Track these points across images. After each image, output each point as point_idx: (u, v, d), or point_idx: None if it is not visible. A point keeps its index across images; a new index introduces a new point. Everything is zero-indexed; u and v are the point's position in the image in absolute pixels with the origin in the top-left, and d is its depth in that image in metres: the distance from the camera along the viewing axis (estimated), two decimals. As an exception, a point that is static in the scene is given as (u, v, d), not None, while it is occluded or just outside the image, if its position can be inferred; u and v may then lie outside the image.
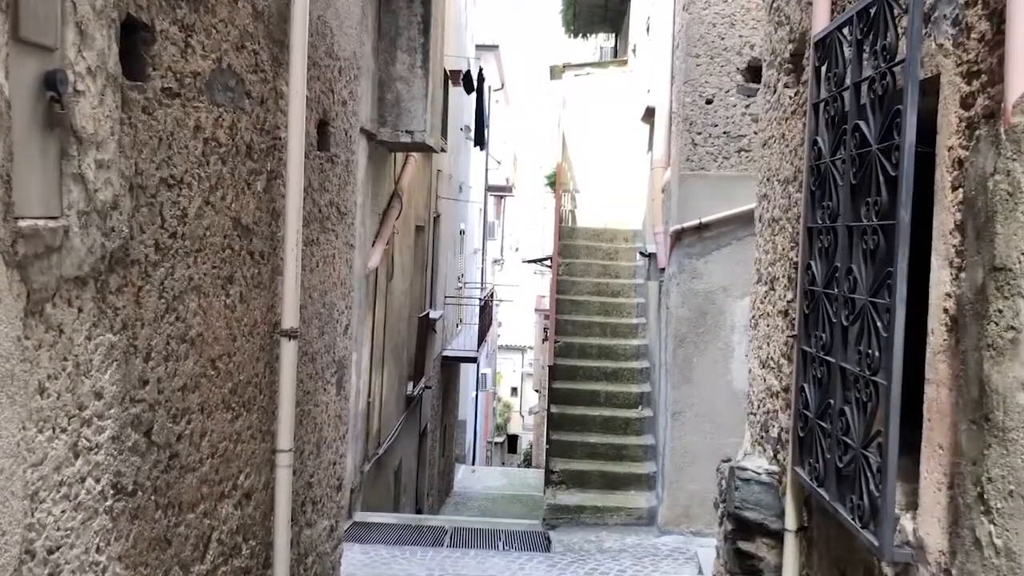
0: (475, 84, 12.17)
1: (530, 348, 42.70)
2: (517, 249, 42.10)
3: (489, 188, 24.56)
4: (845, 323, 2.75)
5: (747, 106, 8.01)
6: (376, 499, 10.29)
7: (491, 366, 32.79)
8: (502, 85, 26.38)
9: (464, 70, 12.05)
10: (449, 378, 18.71)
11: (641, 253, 9.01)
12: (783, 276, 4.31)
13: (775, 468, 4.21)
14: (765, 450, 4.39)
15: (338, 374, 5.02)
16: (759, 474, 4.27)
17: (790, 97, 4.11)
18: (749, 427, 4.89)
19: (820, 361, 3.07)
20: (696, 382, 8.21)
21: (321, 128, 4.39)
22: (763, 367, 4.58)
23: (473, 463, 26.97)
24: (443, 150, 11.28)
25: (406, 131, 8.49)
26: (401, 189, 9.93)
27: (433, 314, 14.50)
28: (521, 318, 41.99)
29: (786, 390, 4.10)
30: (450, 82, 11.31)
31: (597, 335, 10.53)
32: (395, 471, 11.81)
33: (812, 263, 3.25)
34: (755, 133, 7.90)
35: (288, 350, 3.75)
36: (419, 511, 14.92)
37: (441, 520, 8.70)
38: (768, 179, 4.76)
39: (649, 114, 10.63)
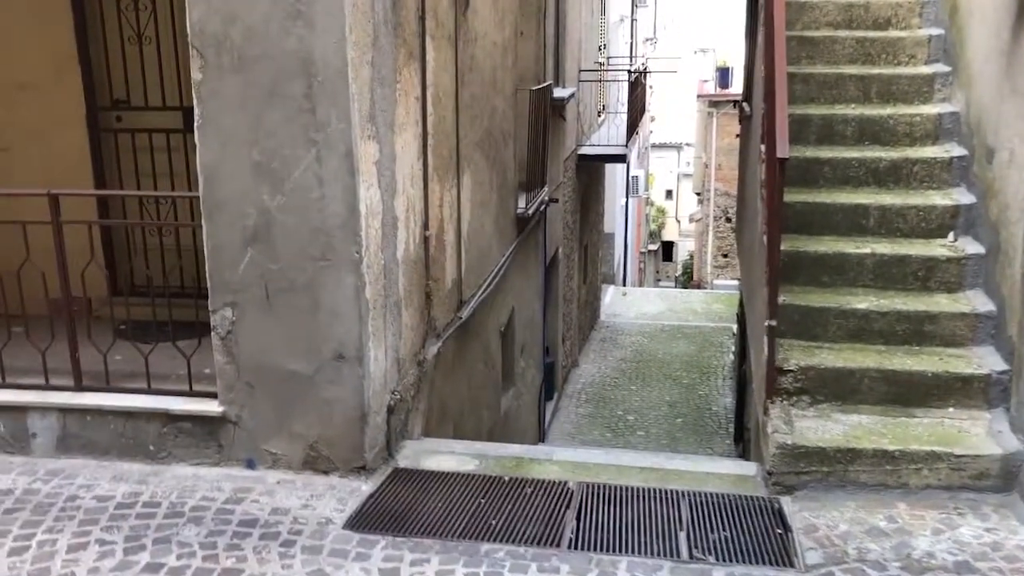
0: None
1: (688, 145, 37.19)
2: (664, 27, 35.37)
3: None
4: None
5: None
6: (459, 392, 6.17)
7: (643, 167, 27.83)
8: None
9: None
10: (589, 183, 14.15)
11: None
12: None
13: None
14: None
15: None
16: None
17: None
18: None
19: None
20: None
21: None
22: None
23: (624, 283, 22.77)
24: None
25: None
26: None
27: (560, 92, 9.79)
28: (677, 109, 36.32)
29: None
30: None
31: (853, 100, 5.63)
32: (501, 331, 7.64)
33: None
34: None
35: None
36: (550, 367, 10.90)
37: (559, 466, 4.45)
38: None
39: None
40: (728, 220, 24.41)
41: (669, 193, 44.02)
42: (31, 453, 4.50)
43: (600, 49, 14.74)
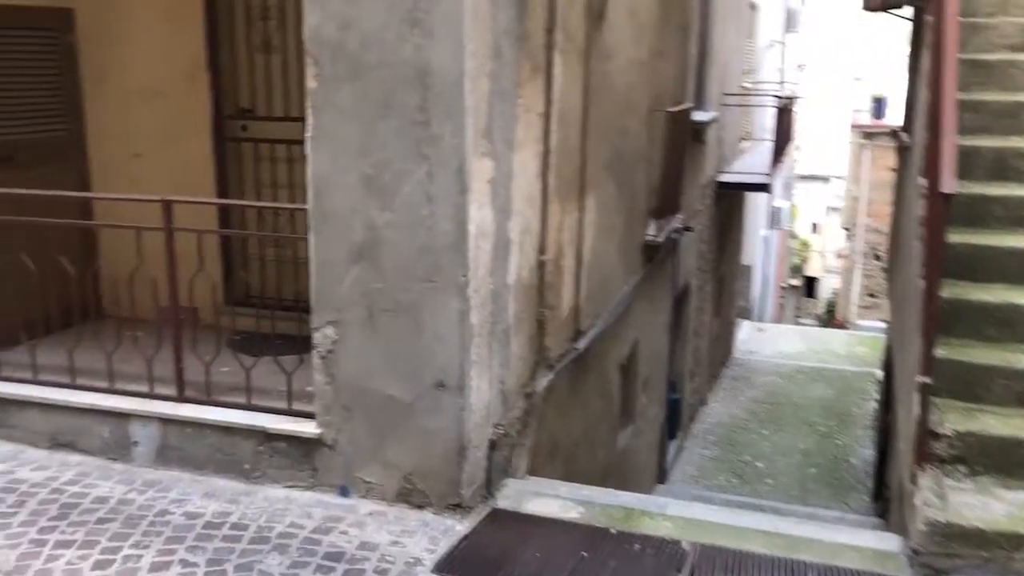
0: None
1: (837, 177, 35.56)
2: (816, 54, 33.61)
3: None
4: None
5: None
6: (571, 428, 5.82)
7: (787, 198, 26.69)
8: None
9: None
10: (728, 212, 13.54)
11: None
12: None
13: None
14: None
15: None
16: None
17: None
18: None
19: None
20: None
21: None
22: None
23: (762, 318, 21.80)
24: None
25: None
26: None
27: (700, 116, 9.35)
28: (826, 139, 34.83)
29: None
30: None
31: (1033, 131, 5.01)
32: (622, 365, 7.24)
33: None
34: None
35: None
36: (676, 403, 10.39)
37: (672, 522, 4.03)
38: None
39: None
40: (877, 258, 23.06)
41: (815, 227, 42.24)
42: (131, 461, 4.45)
43: (747, 73, 14.15)
